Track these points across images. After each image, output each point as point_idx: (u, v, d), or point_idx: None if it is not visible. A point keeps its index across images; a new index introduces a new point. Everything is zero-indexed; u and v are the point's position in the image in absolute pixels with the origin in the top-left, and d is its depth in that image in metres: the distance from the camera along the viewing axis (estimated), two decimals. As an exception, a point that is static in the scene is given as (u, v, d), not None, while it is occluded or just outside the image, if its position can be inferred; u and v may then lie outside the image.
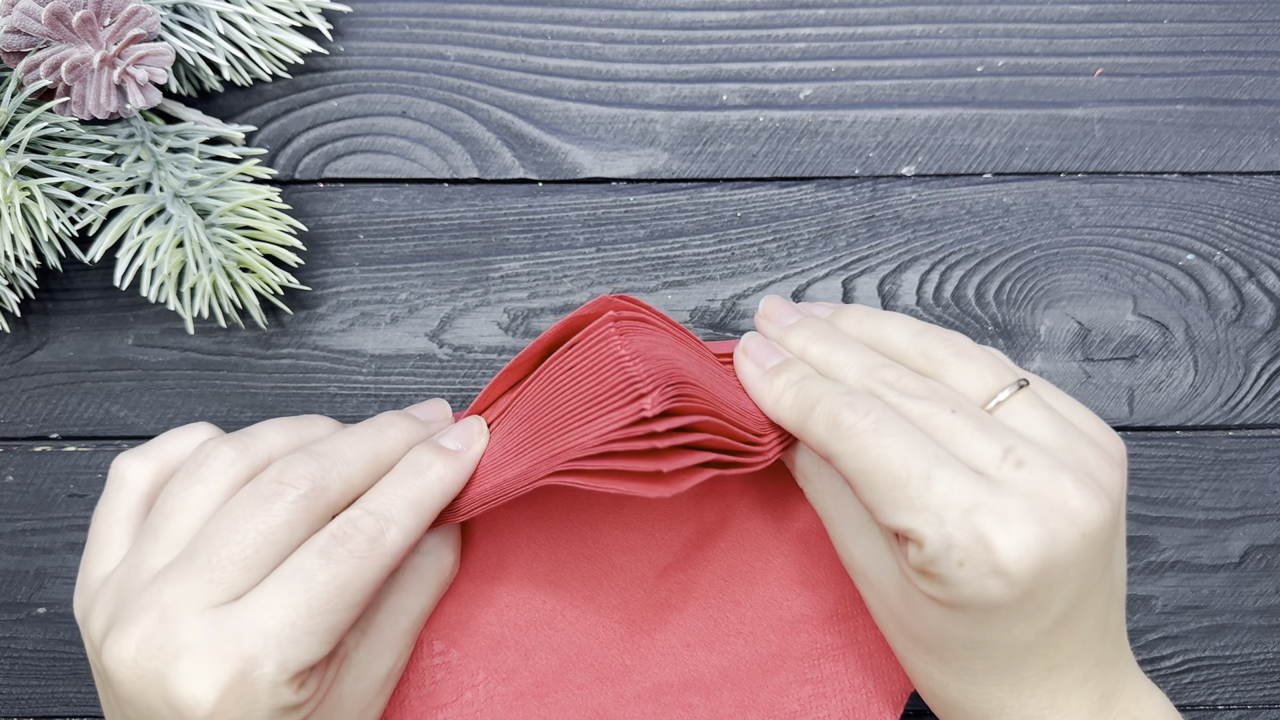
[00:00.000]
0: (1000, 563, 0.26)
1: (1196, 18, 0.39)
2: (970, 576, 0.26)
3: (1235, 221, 0.39)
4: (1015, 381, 0.29)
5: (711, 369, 0.33)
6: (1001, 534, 0.26)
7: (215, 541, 0.27)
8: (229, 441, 0.29)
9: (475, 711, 0.35)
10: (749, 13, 0.39)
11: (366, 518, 0.28)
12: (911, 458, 0.27)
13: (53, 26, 0.32)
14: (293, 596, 0.26)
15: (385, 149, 0.39)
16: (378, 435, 0.31)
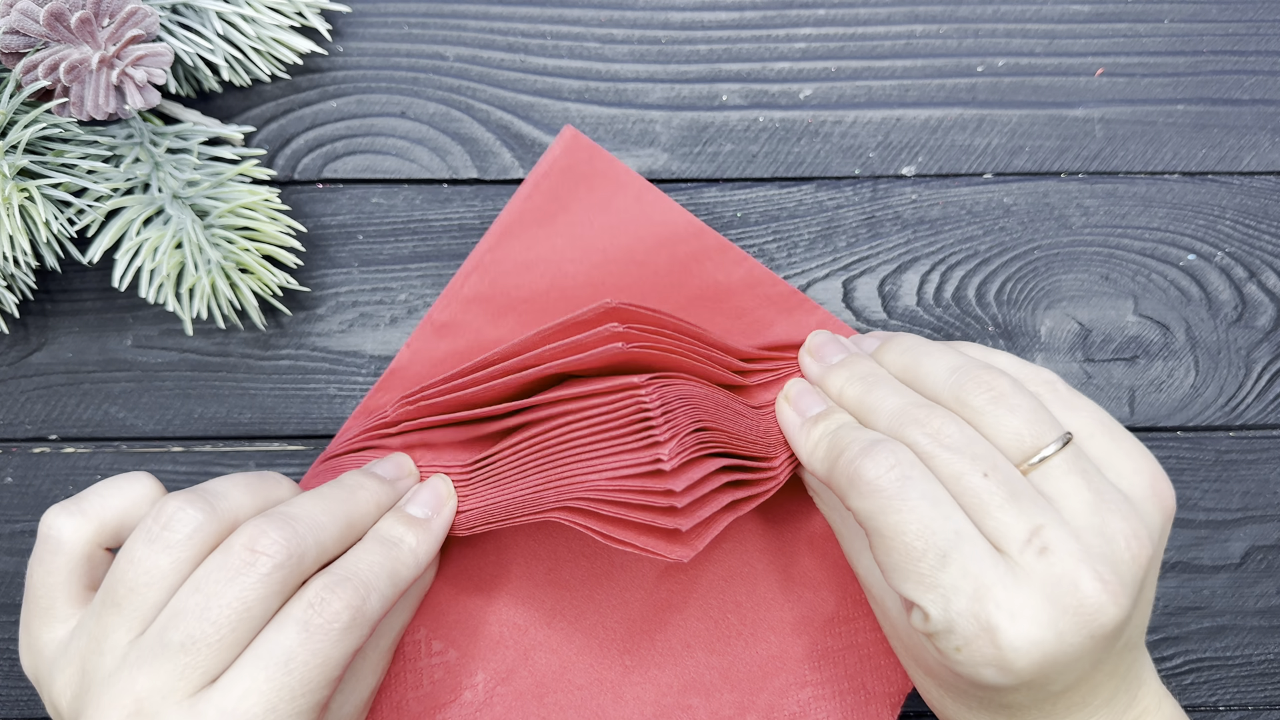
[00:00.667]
0: (1000, 658, 0.25)
1: (1197, 17, 0.39)
2: (967, 661, 0.26)
3: (1236, 222, 0.39)
4: (1057, 439, 0.27)
5: (723, 393, 0.33)
6: (1007, 630, 0.25)
7: (188, 621, 0.25)
8: (193, 503, 0.27)
9: (474, 711, 0.35)
10: (749, 13, 0.39)
11: (346, 584, 0.27)
12: (930, 530, 0.26)
13: (51, 27, 0.32)
14: (272, 681, 0.25)
15: (384, 149, 0.39)
16: (348, 498, 0.29)
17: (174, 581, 0.26)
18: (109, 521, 0.28)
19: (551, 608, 0.36)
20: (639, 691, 0.35)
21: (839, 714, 0.35)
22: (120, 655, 0.26)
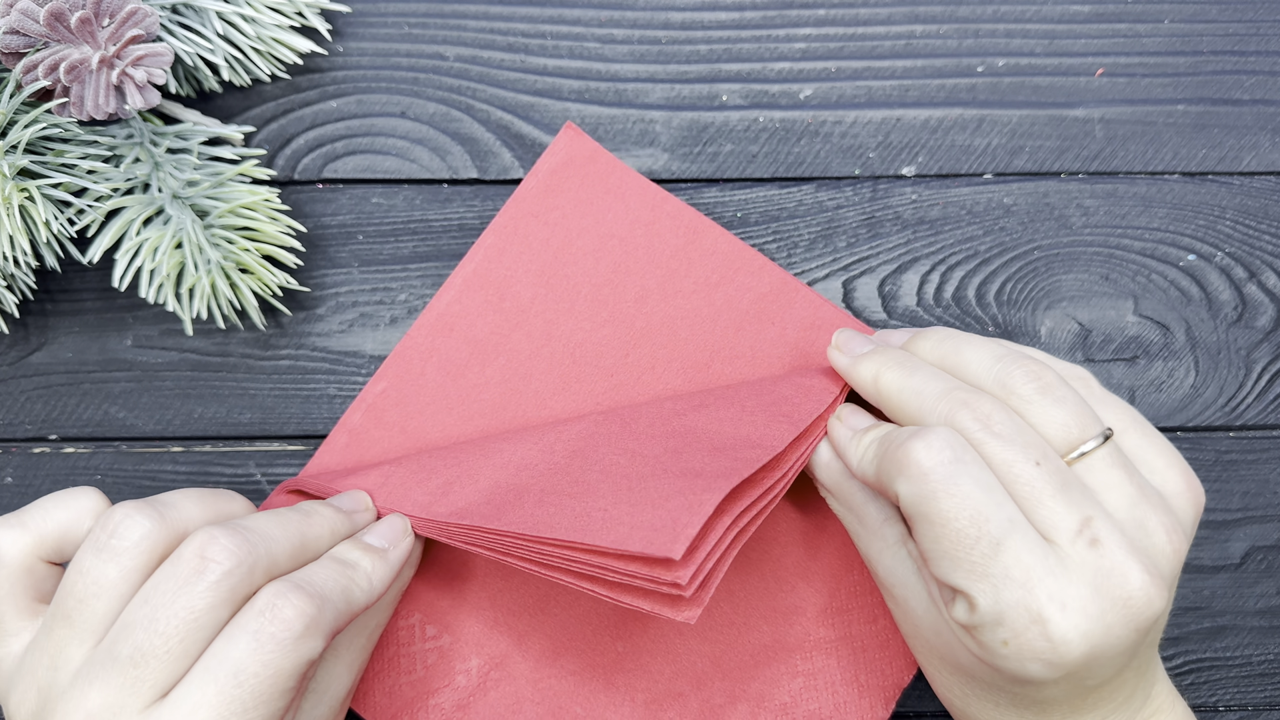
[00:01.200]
0: (1051, 651, 0.25)
1: (1197, 18, 0.39)
2: (1013, 654, 0.26)
3: (1236, 222, 0.39)
4: (1099, 433, 0.27)
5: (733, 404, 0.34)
6: (1059, 622, 0.25)
7: (136, 634, 0.25)
8: (140, 510, 0.27)
9: (466, 696, 0.35)
10: (749, 13, 0.39)
11: (300, 591, 0.26)
12: (985, 518, 0.25)
13: (51, 27, 0.32)
14: (222, 694, 0.24)
15: (384, 149, 0.39)
16: (304, 520, 0.29)
17: (124, 591, 0.26)
18: (49, 534, 0.28)
19: (545, 594, 0.36)
20: (630, 679, 0.35)
21: (830, 705, 0.35)
22: (73, 671, 0.25)
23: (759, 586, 0.36)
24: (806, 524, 0.36)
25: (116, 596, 0.26)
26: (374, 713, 0.35)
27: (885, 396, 0.30)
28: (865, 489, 0.31)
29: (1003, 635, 0.25)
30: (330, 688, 0.30)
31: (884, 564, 0.31)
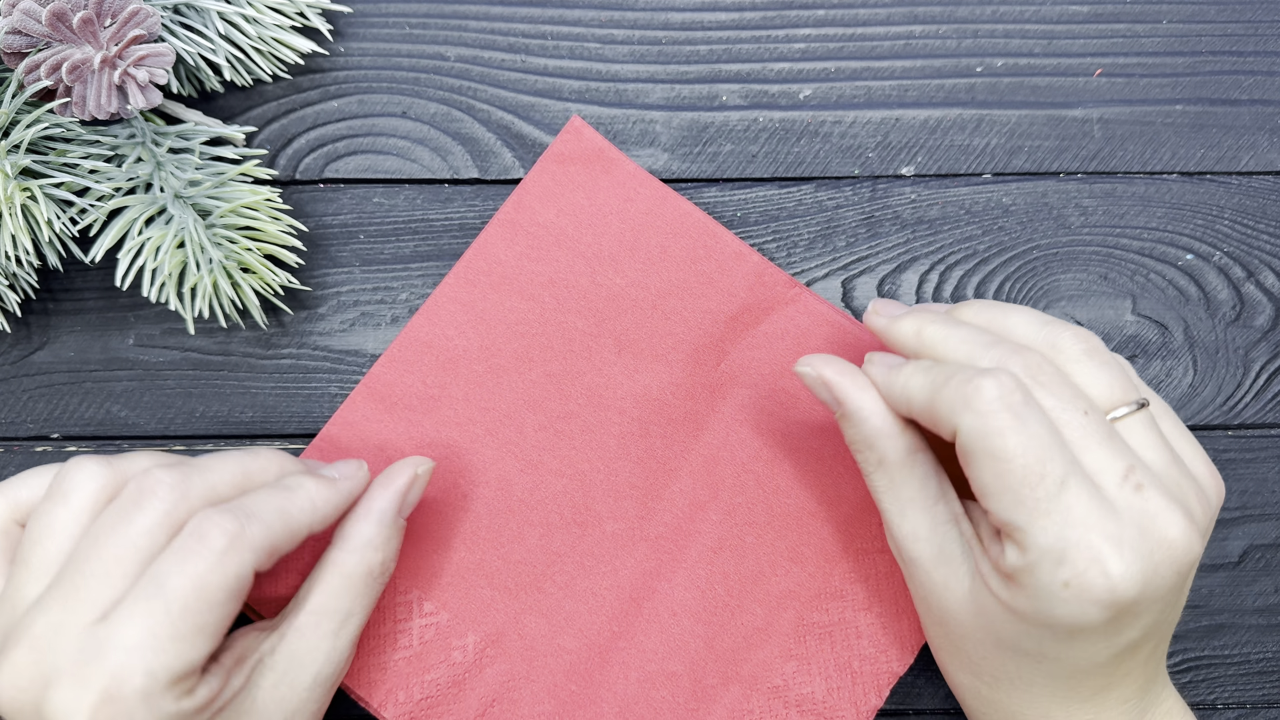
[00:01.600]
0: (1110, 588, 0.25)
1: (1195, 18, 0.39)
2: (1072, 596, 0.26)
3: (1234, 221, 0.39)
4: (1137, 400, 0.29)
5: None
6: (1114, 561, 0.25)
7: (80, 562, 0.26)
8: (92, 459, 0.29)
9: (462, 672, 0.35)
10: (748, 13, 0.39)
11: (225, 514, 0.27)
12: (1049, 457, 0.26)
13: (53, 27, 0.32)
14: (149, 603, 0.26)
15: (386, 149, 0.39)
16: (247, 454, 0.30)
17: (73, 531, 0.27)
18: (24, 500, 0.30)
19: (543, 572, 0.36)
20: (624, 657, 0.35)
21: (824, 690, 0.35)
22: (26, 605, 0.27)
23: (752, 569, 0.36)
24: (801, 507, 0.36)
25: (67, 536, 0.27)
26: (368, 689, 0.35)
27: (930, 345, 0.30)
28: (909, 450, 0.30)
29: (1064, 576, 0.26)
30: (291, 668, 0.30)
31: (907, 526, 0.30)
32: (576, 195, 0.38)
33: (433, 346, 0.37)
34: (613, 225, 0.37)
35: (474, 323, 0.37)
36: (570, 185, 0.38)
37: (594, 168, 0.38)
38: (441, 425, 0.37)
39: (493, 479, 0.37)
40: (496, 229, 0.38)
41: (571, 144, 0.38)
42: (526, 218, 0.38)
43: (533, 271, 0.37)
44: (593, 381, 0.37)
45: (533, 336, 0.37)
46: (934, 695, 0.37)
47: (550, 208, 0.38)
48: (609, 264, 0.37)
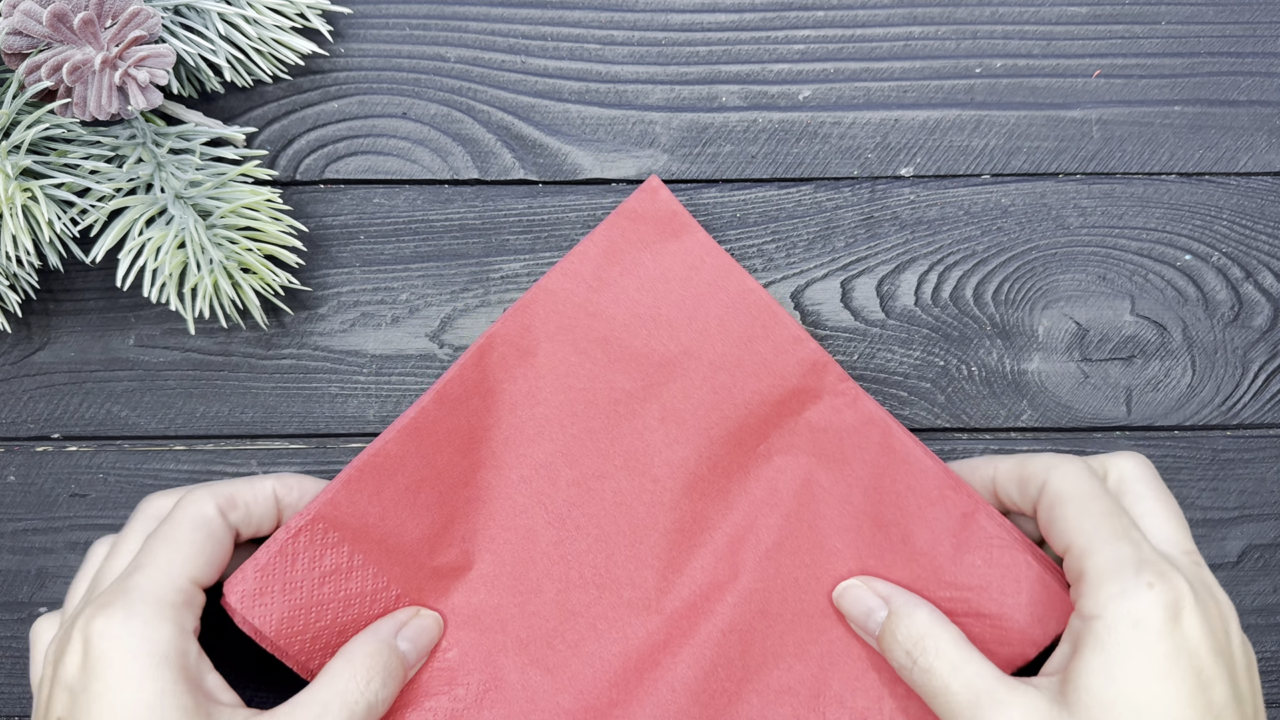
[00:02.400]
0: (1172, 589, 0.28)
1: (1194, 19, 0.39)
2: (1155, 596, 0.28)
3: (1233, 222, 0.39)
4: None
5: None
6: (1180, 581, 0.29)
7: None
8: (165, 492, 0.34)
9: (462, 709, 0.35)
10: (748, 14, 0.39)
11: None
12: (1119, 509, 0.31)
13: (54, 28, 0.32)
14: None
15: (386, 150, 0.39)
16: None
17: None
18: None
19: (555, 629, 0.36)
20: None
21: None
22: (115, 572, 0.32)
23: (757, 659, 0.36)
24: (814, 605, 0.36)
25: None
26: None
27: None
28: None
29: (1147, 578, 0.28)
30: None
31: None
32: (643, 255, 0.37)
33: (481, 387, 0.36)
34: (674, 291, 0.37)
35: (524, 369, 0.37)
36: (638, 244, 0.37)
37: (664, 230, 0.37)
38: (478, 466, 0.36)
39: (520, 526, 0.36)
40: (558, 278, 0.37)
41: (646, 203, 0.37)
42: (590, 271, 0.37)
43: (588, 326, 0.37)
44: (631, 445, 0.37)
45: (579, 390, 0.37)
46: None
47: (615, 265, 0.37)
48: (665, 330, 0.36)
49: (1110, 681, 0.27)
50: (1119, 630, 0.27)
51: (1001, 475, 0.33)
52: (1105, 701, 0.27)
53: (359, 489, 0.34)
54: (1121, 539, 0.28)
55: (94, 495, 0.38)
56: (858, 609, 0.34)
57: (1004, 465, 0.33)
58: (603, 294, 0.37)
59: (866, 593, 0.34)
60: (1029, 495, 0.32)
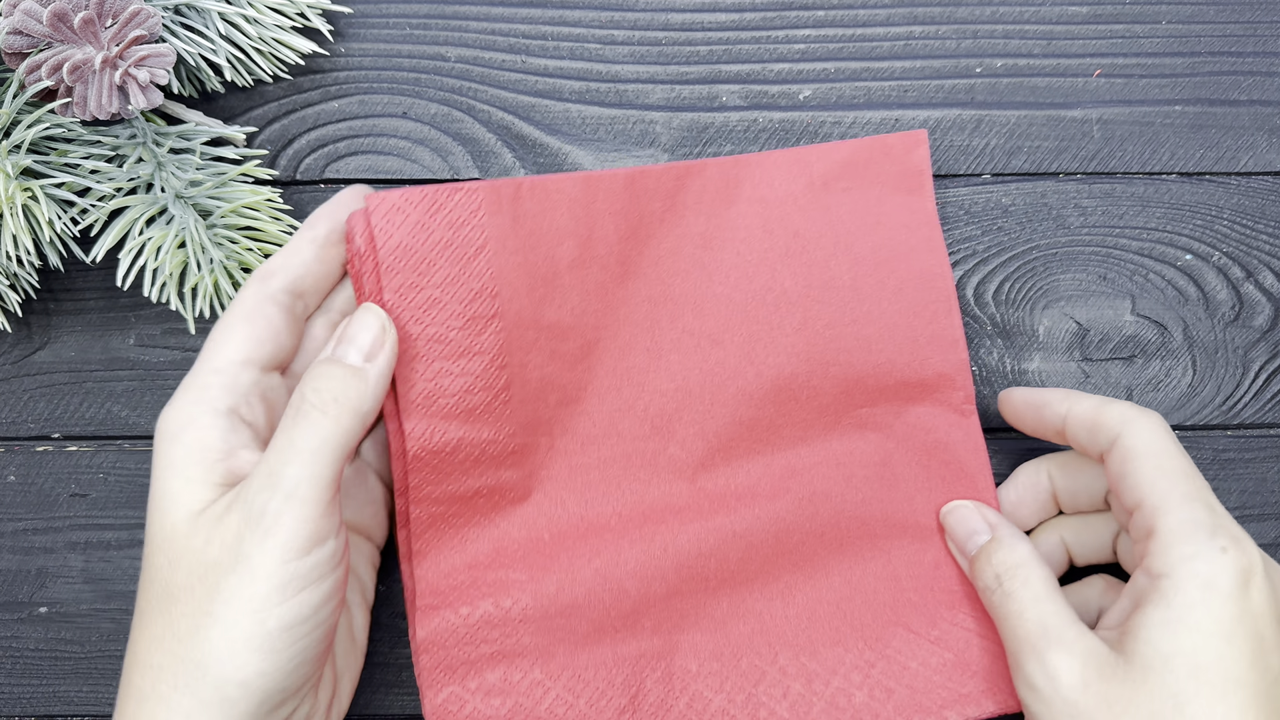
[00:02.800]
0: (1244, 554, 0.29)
1: (1195, 19, 0.39)
2: (1229, 560, 0.29)
3: (1233, 222, 0.39)
4: None
5: None
6: (1249, 544, 0.30)
7: None
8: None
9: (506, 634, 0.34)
10: (748, 14, 0.39)
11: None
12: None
13: (55, 28, 0.32)
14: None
15: (386, 150, 0.39)
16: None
17: None
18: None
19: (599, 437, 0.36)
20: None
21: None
22: None
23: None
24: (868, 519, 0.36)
25: None
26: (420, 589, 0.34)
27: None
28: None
29: (1220, 542, 0.29)
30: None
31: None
32: (872, 188, 0.36)
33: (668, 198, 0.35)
34: (878, 234, 0.36)
35: (712, 210, 0.36)
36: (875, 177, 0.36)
37: (904, 179, 0.36)
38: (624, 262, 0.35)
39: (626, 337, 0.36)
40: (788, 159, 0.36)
41: (903, 147, 0.37)
42: (820, 170, 0.36)
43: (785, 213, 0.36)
44: (757, 334, 0.36)
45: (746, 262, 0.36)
46: (934, 695, 0.37)
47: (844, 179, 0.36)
48: (849, 260, 0.36)
49: (1172, 637, 0.27)
50: (1187, 590, 0.28)
51: (1074, 419, 0.33)
52: (1165, 655, 0.27)
53: (520, 194, 0.33)
54: (1196, 501, 0.29)
55: (94, 495, 0.38)
56: (963, 528, 0.34)
57: (1079, 408, 0.32)
58: (816, 196, 0.36)
59: (976, 516, 0.34)
60: (1098, 443, 0.32)
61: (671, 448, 0.35)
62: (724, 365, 0.36)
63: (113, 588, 0.38)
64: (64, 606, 0.38)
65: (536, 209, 0.33)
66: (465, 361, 0.33)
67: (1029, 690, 0.29)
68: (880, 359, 0.36)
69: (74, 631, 0.38)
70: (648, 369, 0.36)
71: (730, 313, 0.36)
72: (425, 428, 0.32)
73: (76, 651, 0.38)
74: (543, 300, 0.34)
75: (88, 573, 0.38)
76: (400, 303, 0.32)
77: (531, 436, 0.34)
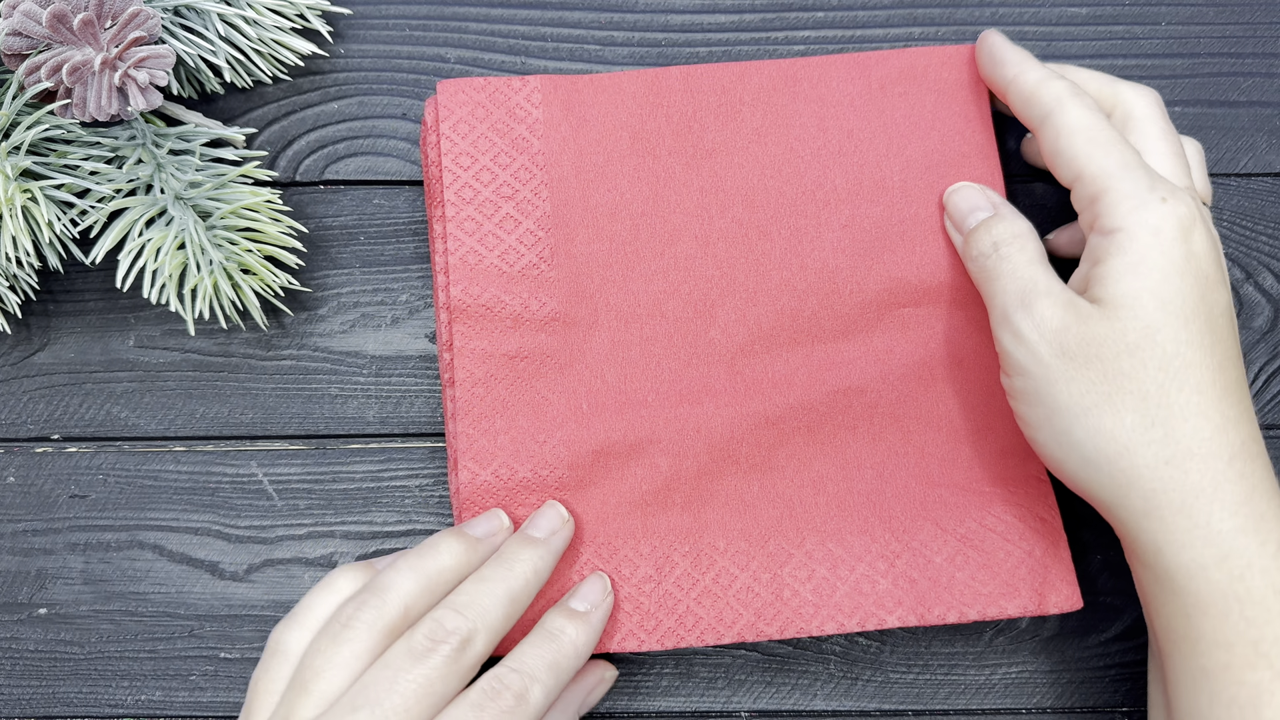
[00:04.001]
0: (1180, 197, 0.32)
1: (1194, 20, 0.39)
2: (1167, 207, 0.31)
3: (1233, 223, 0.39)
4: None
5: None
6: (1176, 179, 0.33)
7: (376, 691, 0.28)
8: (367, 604, 0.31)
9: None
10: (748, 15, 0.39)
11: (513, 675, 0.30)
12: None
13: (54, 29, 0.32)
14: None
15: (386, 151, 0.39)
16: (507, 575, 0.32)
17: (356, 669, 0.29)
18: (317, 626, 0.32)
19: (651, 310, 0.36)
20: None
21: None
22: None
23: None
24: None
25: (349, 672, 0.29)
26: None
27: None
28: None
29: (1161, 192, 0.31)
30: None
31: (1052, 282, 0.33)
32: (928, 96, 0.37)
33: (724, 90, 0.37)
34: (928, 140, 0.37)
35: (769, 104, 0.37)
36: (934, 84, 0.37)
37: (960, 88, 0.37)
38: (678, 155, 0.36)
39: (675, 222, 0.36)
40: (848, 63, 0.37)
41: (961, 59, 0.37)
42: (879, 76, 0.37)
43: (842, 115, 0.37)
44: (804, 228, 0.37)
45: (800, 156, 0.37)
46: (934, 695, 0.37)
47: (901, 85, 0.37)
48: (900, 164, 0.37)
49: (1136, 278, 0.30)
50: (1140, 236, 0.30)
51: (1014, 90, 0.34)
52: (1134, 292, 0.30)
53: (578, 87, 0.36)
54: (1134, 165, 0.31)
55: (94, 496, 0.38)
56: (966, 203, 0.35)
57: (1023, 79, 0.34)
58: (873, 98, 0.37)
59: (981, 195, 0.35)
60: (1032, 118, 0.34)
61: (713, 332, 0.36)
62: (769, 256, 0.36)
63: (112, 589, 0.38)
64: (63, 608, 0.38)
65: (592, 99, 0.36)
66: (510, 226, 0.36)
67: (1015, 341, 0.31)
68: (925, 260, 0.36)
69: (73, 633, 0.38)
70: (695, 255, 0.36)
71: (780, 206, 0.36)
72: (468, 281, 0.35)
73: (76, 653, 0.38)
74: (592, 183, 0.36)
75: (87, 574, 0.38)
76: (455, 168, 0.36)
77: (574, 308, 0.36)
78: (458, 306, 0.35)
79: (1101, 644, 0.38)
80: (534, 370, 0.35)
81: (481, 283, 0.35)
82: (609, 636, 0.34)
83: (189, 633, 0.37)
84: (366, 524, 0.38)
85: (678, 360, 0.36)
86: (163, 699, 0.37)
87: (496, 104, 0.36)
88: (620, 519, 0.35)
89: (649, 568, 0.35)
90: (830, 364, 0.36)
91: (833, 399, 0.36)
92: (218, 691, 0.37)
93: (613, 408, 0.35)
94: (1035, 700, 0.37)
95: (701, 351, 0.36)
